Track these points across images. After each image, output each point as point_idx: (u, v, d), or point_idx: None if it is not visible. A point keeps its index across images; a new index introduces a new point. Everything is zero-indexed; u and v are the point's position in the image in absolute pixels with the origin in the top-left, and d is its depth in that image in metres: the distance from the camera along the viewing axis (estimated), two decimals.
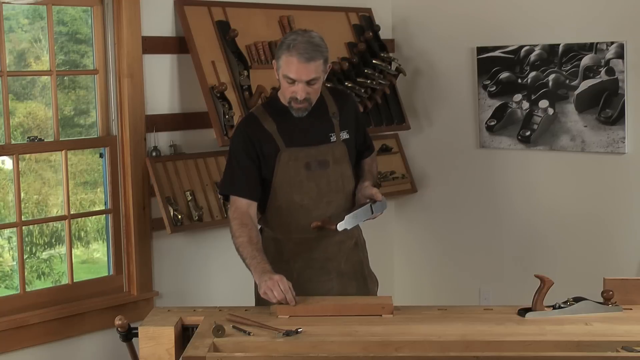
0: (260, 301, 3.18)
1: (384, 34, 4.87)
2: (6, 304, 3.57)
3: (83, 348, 3.79)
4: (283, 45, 3.00)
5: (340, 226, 3.04)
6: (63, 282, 3.81)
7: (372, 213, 3.10)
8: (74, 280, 3.80)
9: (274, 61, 3.08)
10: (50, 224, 3.84)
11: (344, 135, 3.18)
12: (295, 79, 2.97)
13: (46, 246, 3.86)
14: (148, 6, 3.90)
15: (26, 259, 3.70)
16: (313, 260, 3.12)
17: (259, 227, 3.20)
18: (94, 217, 3.96)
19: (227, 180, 3.14)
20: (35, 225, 3.79)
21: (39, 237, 3.84)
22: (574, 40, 4.33)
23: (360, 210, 3.09)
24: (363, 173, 3.29)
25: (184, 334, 2.76)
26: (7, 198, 3.67)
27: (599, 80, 4.25)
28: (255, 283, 3.22)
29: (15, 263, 3.66)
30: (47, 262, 3.86)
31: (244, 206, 3.07)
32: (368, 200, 3.11)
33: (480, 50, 4.67)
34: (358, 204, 3.14)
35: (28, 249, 3.76)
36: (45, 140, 3.73)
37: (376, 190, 3.13)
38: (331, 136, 3.15)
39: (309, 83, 2.99)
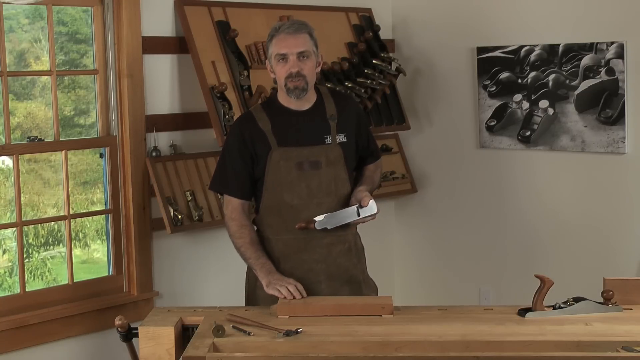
0: (250, 302, 3.20)
1: (384, 34, 4.87)
2: (6, 304, 3.57)
3: (83, 348, 3.79)
4: (270, 35, 3.11)
5: (319, 224, 3.04)
6: (63, 282, 3.81)
7: (359, 216, 3.07)
8: (74, 280, 3.81)
9: (266, 61, 3.15)
10: (50, 224, 3.84)
11: (341, 138, 3.16)
12: (286, 52, 3.03)
13: (46, 246, 3.86)
14: (148, 6, 3.90)
15: (25, 258, 3.70)
16: (302, 262, 3.11)
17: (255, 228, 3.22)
18: (93, 217, 3.96)
19: (220, 179, 3.18)
20: (35, 225, 3.79)
21: (37, 237, 3.84)
22: (574, 40, 4.32)
23: (343, 211, 3.07)
24: (362, 178, 3.27)
25: (184, 334, 2.77)
26: (7, 198, 3.67)
27: (599, 80, 4.25)
28: (247, 284, 3.24)
29: (13, 263, 3.65)
30: (46, 262, 3.85)
31: (239, 206, 3.14)
32: (356, 204, 3.09)
33: (480, 50, 4.67)
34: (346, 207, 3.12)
35: (28, 249, 3.76)
36: (45, 140, 3.73)
37: (367, 194, 3.09)
38: (326, 138, 3.13)
39: (300, 58, 3.03)
